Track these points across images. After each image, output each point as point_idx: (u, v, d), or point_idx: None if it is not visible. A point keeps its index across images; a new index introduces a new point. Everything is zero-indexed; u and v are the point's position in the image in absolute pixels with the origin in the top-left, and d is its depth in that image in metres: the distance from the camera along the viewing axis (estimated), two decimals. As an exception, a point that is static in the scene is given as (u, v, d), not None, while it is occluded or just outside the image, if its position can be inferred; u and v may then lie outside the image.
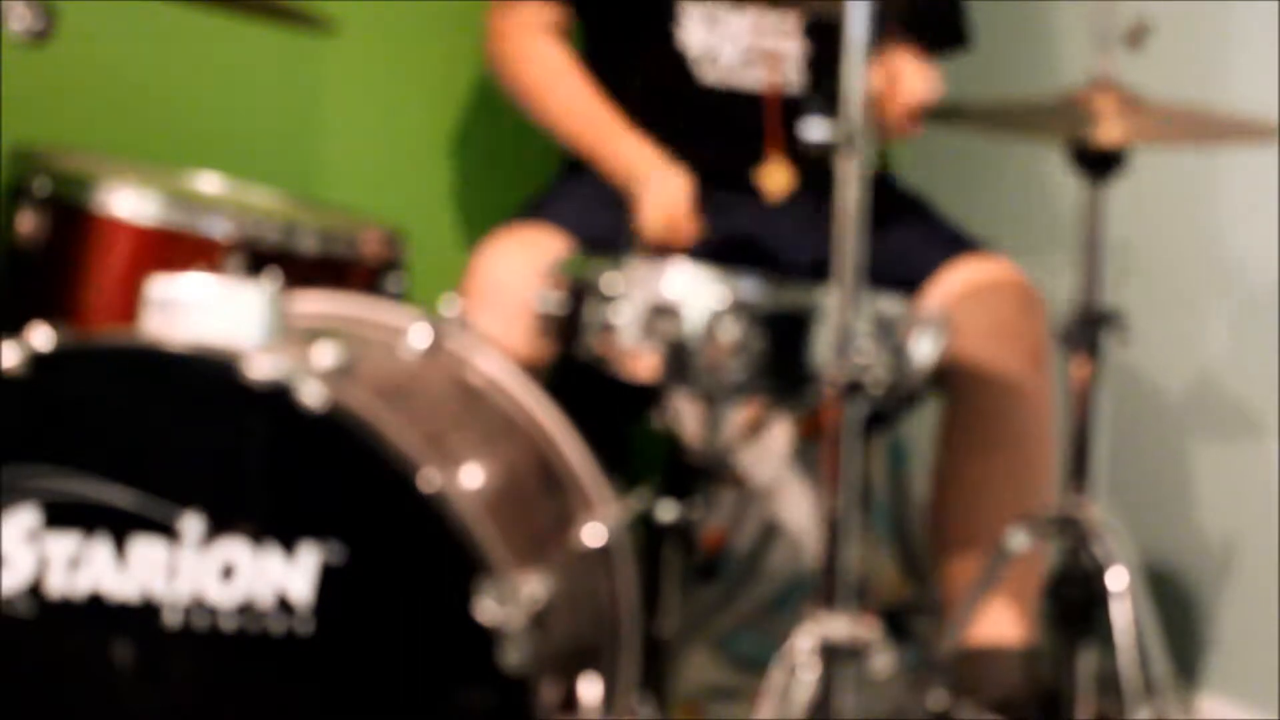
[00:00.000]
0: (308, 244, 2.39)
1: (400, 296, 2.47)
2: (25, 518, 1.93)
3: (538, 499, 2.15)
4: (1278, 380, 2.70)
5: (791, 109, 2.70)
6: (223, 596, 1.91)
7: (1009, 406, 2.62)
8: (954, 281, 2.63)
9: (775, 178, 2.70)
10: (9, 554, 1.92)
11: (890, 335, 2.13)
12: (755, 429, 2.79)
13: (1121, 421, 2.50)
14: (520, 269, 2.50)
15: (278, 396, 1.89)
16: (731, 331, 2.10)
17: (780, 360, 2.11)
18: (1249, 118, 2.49)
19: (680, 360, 2.10)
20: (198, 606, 1.91)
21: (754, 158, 2.70)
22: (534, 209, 2.71)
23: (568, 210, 2.67)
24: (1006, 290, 2.64)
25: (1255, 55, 2.72)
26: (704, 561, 2.93)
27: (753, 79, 2.73)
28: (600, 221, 2.64)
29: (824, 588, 1.98)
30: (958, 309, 2.50)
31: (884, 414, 2.71)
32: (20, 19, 2.06)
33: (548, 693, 1.95)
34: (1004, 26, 2.99)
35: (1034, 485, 2.63)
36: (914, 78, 2.61)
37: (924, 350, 2.17)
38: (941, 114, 2.77)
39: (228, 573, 1.91)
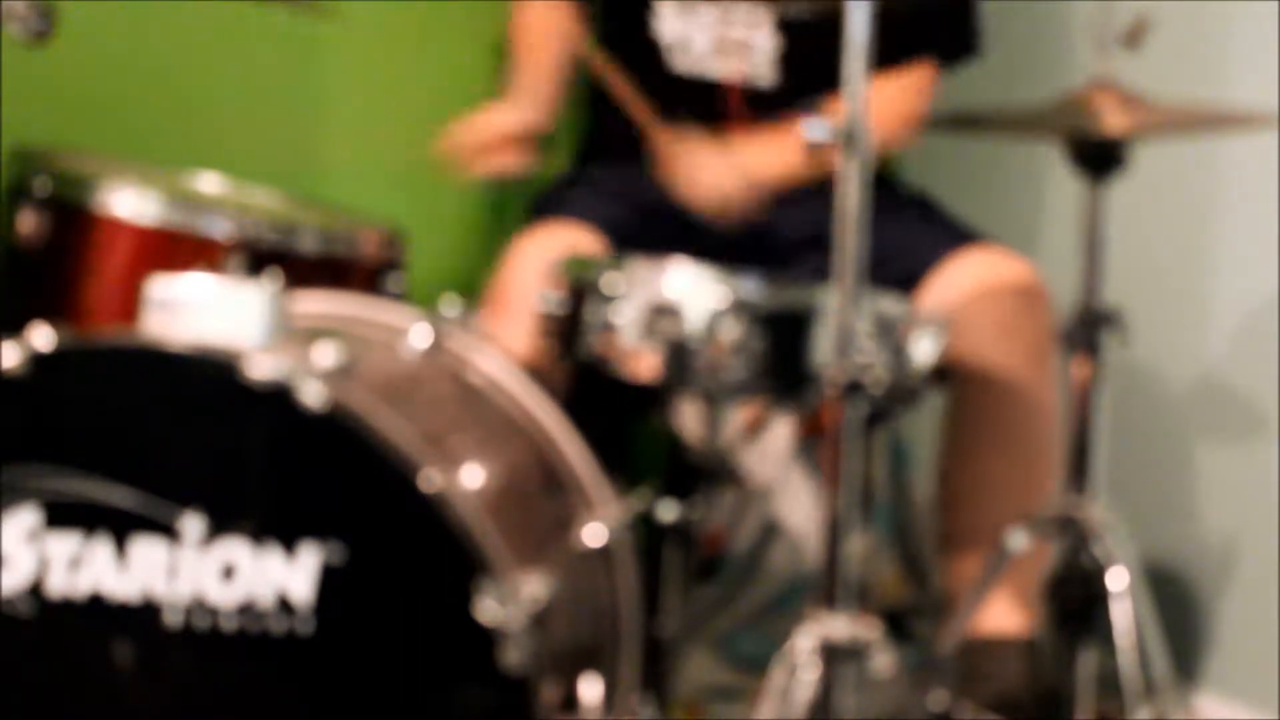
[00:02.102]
0: (308, 244, 2.39)
1: (400, 296, 2.46)
2: (26, 518, 1.93)
3: (538, 499, 2.15)
4: (1278, 380, 2.70)
5: (758, 101, 2.72)
6: (223, 596, 1.91)
7: (1013, 403, 2.62)
8: (957, 275, 2.63)
9: None
10: (9, 554, 1.92)
11: (890, 335, 2.13)
12: (756, 429, 2.79)
13: (1122, 421, 2.50)
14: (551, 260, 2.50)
15: (278, 396, 1.89)
16: (732, 331, 2.10)
17: (781, 360, 2.11)
18: (1248, 109, 2.49)
19: (681, 360, 2.10)
20: (198, 606, 1.91)
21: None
22: (552, 205, 2.71)
23: (588, 204, 2.67)
24: (1010, 285, 2.64)
25: (1255, 55, 2.72)
26: (704, 561, 2.93)
27: (722, 68, 2.75)
28: (621, 212, 2.64)
29: (824, 588, 1.98)
30: (961, 306, 2.50)
31: (884, 412, 2.71)
32: (20, 19, 2.06)
33: (548, 693, 1.95)
34: (1005, 27, 2.99)
35: (1038, 482, 2.63)
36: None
37: (924, 349, 2.17)
38: (943, 118, 2.77)
39: (228, 573, 1.91)
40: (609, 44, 2.75)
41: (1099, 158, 2.33)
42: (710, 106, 2.74)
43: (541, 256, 2.54)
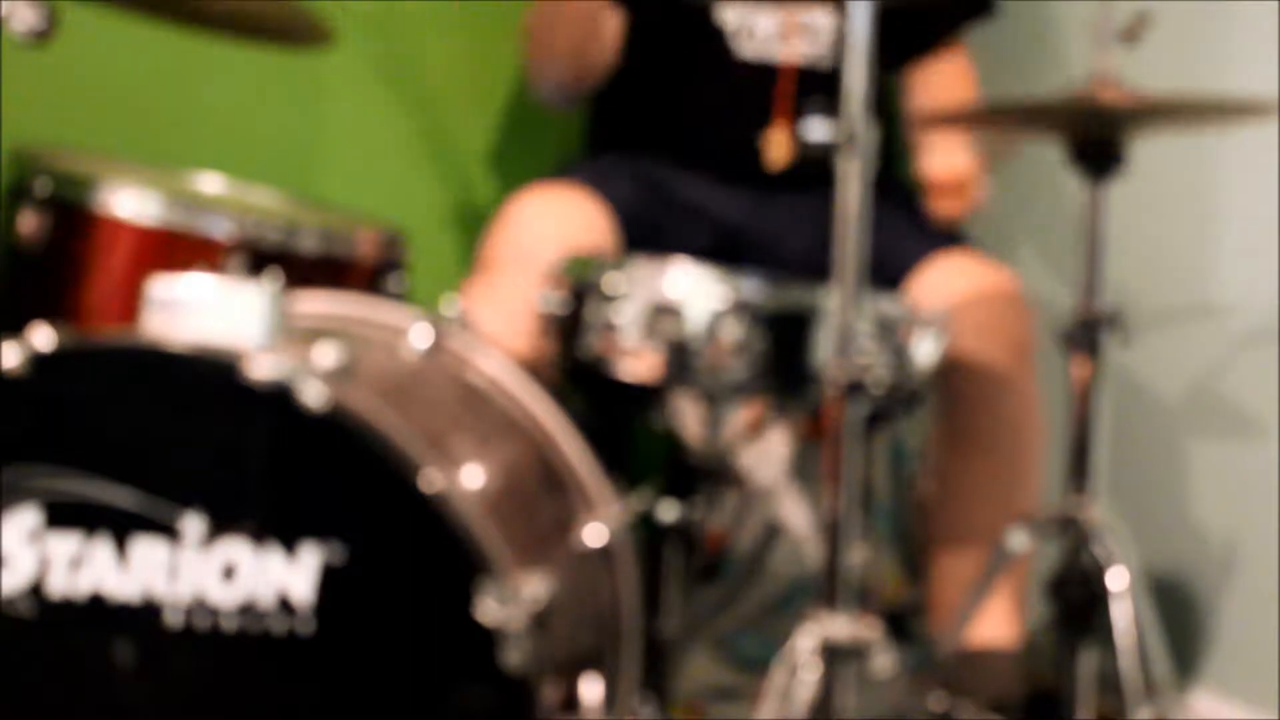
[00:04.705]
0: (309, 244, 2.39)
1: (401, 296, 2.47)
2: (26, 518, 1.92)
3: (539, 499, 2.15)
4: (1277, 381, 2.70)
5: (818, 81, 2.69)
6: (224, 597, 1.90)
7: (994, 403, 2.63)
8: (936, 279, 2.63)
9: (778, 147, 2.69)
10: (10, 554, 1.92)
11: (891, 335, 2.13)
12: (756, 429, 2.79)
13: (1122, 422, 2.50)
14: (551, 221, 2.49)
15: (279, 397, 1.89)
16: (733, 331, 2.10)
17: (781, 360, 2.11)
18: (1248, 99, 2.49)
19: (682, 360, 2.10)
20: (199, 607, 1.91)
21: None
22: (562, 172, 2.70)
23: (597, 176, 2.66)
24: (989, 290, 2.64)
25: (1255, 52, 2.72)
26: (705, 562, 2.93)
27: (787, 51, 2.73)
28: (628, 187, 2.63)
29: (825, 588, 1.98)
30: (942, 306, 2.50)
31: (887, 414, 2.71)
32: (22, 19, 2.06)
33: (549, 693, 1.95)
34: (1005, 25, 2.99)
35: (1022, 483, 2.63)
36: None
37: (925, 350, 2.17)
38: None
39: (229, 573, 1.91)
40: (669, 33, 2.73)
41: (1099, 155, 2.33)
42: (771, 91, 2.72)
43: (543, 213, 2.54)
